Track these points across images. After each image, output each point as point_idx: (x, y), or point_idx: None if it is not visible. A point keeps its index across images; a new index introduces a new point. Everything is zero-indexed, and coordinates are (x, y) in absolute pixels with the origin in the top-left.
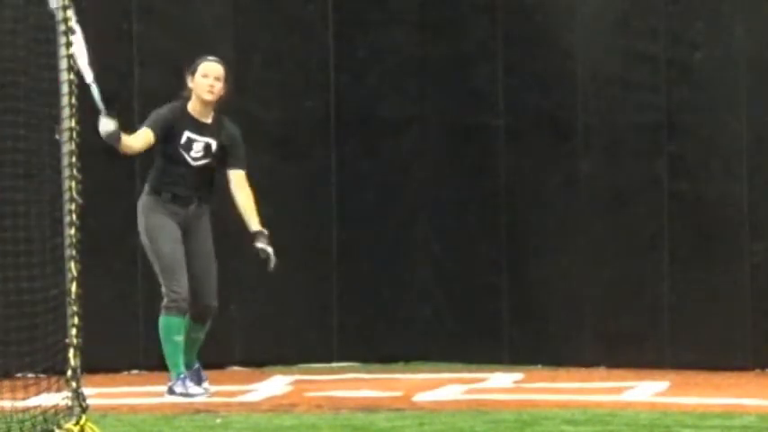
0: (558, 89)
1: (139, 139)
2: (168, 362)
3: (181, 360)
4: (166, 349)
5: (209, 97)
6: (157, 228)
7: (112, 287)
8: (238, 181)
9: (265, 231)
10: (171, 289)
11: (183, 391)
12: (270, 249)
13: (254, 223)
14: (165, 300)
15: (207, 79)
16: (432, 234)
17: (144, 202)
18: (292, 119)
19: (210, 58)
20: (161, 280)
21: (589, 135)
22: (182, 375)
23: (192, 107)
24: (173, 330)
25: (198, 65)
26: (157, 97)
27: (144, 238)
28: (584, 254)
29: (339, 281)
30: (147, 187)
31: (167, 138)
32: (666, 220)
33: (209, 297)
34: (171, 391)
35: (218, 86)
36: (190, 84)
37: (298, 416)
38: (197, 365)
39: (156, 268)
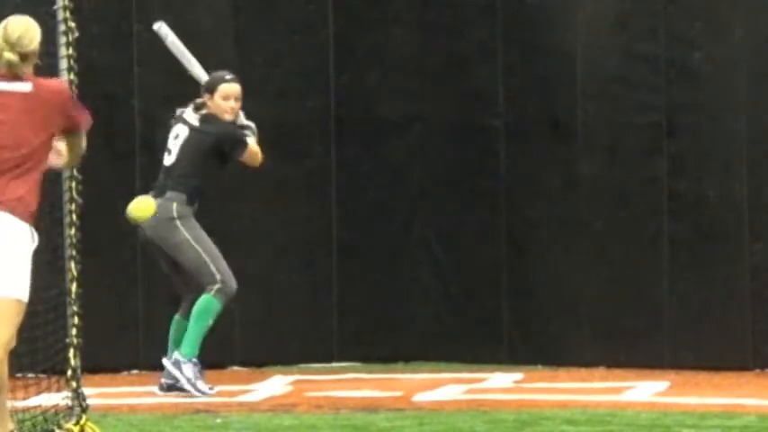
0: (558, 89)
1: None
2: (190, 337)
3: (199, 344)
4: (198, 326)
5: (231, 118)
6: (199, 231)
7: (112, 287)
8: None
9: None
10: (225, 278)
11: (192, 378)
12: None
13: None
14: (219, 285)
15: (228, 102)
16: (432, 234)
17: (179, 208)
18: (292, 119)
19: (228, 77)
20: (211, 268)
21: (589, 135)
22: (195, 360)
23: None
24: (214, 313)
25: (217, 85)
26: (157, 97)
27: (188, 238)
28: (584, 254)
29: (339, 281)
30: (179, 195)
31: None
32: (666, 220)
33: None
34: (175, 364)
35: (238, 106)
36: (207, 101)
37: (298, 416)
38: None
39: (206, 261)
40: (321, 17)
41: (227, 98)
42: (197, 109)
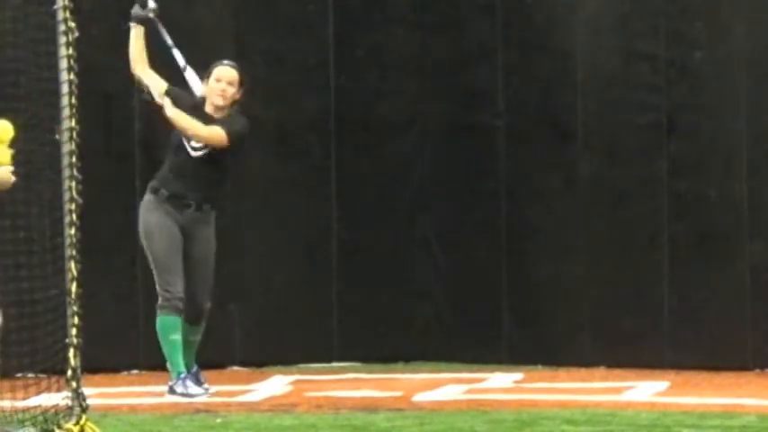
0: (558, 89)
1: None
2: (168, 361)
3: (180, 359)
4: (164, 349)
5: (220, 102)
6: (154, 227)
7: (112, 287)
8: None
9: None
10: (164, 288)
11: (184, 390)
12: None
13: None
14: (160, 299)
15: (219, 84)
16: (432, 234)
17: (143, 203)
18: (292, 119)
19: (226, 62)
20: (155, 279)
21: (589, 135)
22: (182, 375)
23: (208, 109)
24: (168, 329)
25: (213, 69)
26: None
27: (141, 238)
28: (584, 254)
29: (339, 281)
30: (148, 187)
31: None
32: (666, 220)
33: (202, 299)
34: (171, 391)
35: (231, 91)
36: (205, 86)
37: (298, 416)
38: (195, 368)
39: (152, 267)
40: (321, 17)
41: (218, 80)
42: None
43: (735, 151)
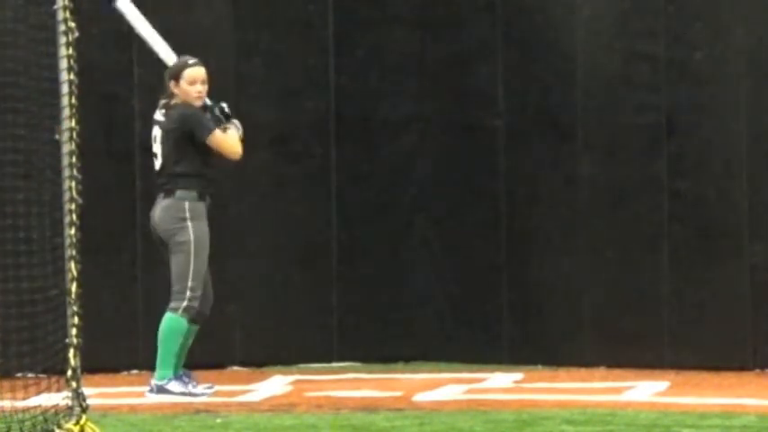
0: (557, 89)
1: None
2: (163, 360)
3: (173, 363)
4: (168, 348)
5: (200, 103)
6: (205, 238)
7: (112, 287)
8: None
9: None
10: (195, 295)
11: (185, 390)
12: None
13: None
14: (186, 302)
15: (195, 86)
16: (432, 234)
17: (192, 207)
18: (292, 119)
19: (191, 61)
20: (188, 283)
21: (589, 135)
22: (171, 378)
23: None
24: (182, 332)
25: (181, 71)
26: (157, 97)
27: (191, 241)
28: (584, 254)
29: (339, 281)
30: (189, 193)
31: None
32: (666, 220)
33: (211, 296)
34: (160, 390)
35: (205, 90)
36: (174, 89)
37: (298, 416)
38: (181, 372)
39: (189, 271)
40: (321, 17)
41: (193, 83)
42: (165, 102)
43: (735, 151)
